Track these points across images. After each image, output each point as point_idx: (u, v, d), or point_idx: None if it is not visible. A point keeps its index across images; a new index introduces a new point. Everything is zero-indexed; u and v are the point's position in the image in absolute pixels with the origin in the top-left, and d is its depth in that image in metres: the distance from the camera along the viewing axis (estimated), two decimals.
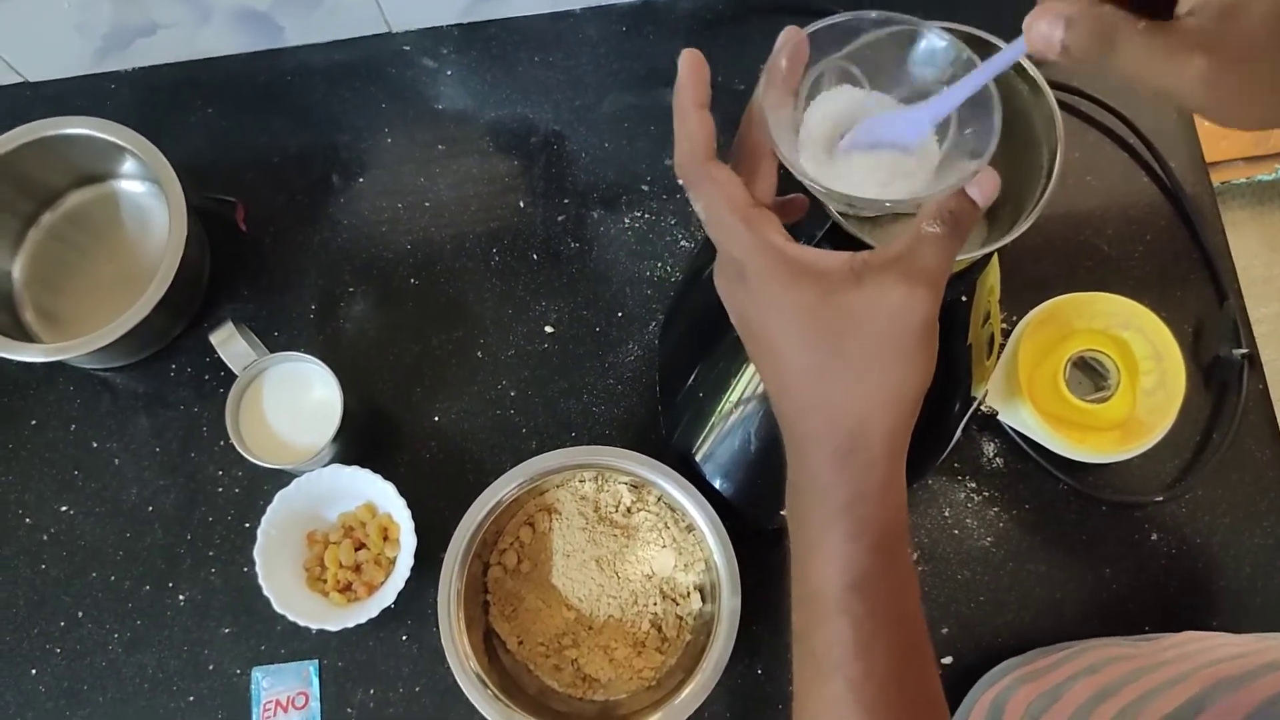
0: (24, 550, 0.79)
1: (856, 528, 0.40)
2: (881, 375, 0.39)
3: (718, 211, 0.40)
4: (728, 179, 0.41)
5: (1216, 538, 0.77)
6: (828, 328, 0.39)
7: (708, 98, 0.42)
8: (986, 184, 0.40)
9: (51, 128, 0.76)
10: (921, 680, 0.42)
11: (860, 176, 0.42)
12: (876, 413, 0.40)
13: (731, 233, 0.40)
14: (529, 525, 0.75)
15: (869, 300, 0.39)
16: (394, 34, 0.89)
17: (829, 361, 0.39)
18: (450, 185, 0.86)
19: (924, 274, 0.39)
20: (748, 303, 0.41)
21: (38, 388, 0.82)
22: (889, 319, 0.39)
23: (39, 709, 0.76)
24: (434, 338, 0.82)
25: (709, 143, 0.41)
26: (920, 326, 0.39)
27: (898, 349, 0.39)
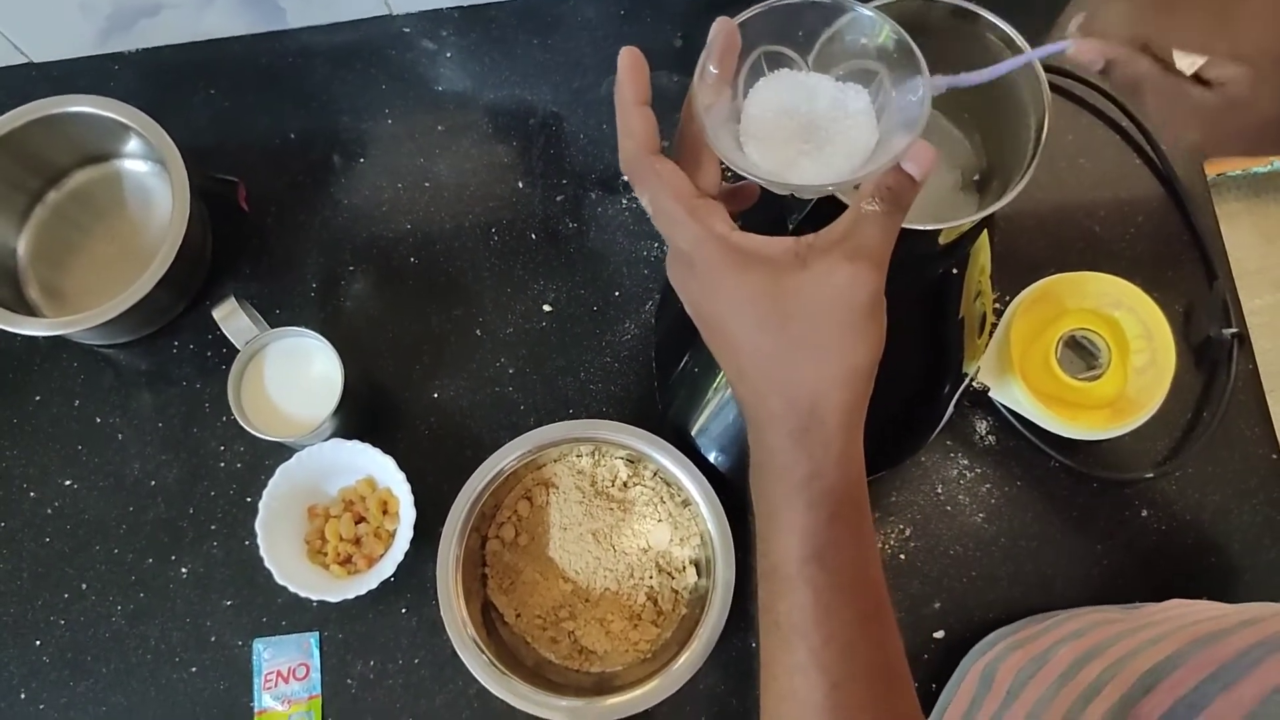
0: (28, 524, 0.80)
1: (815, 500, 0.41)
2: (832, 353, 0.41)
3: (663, 204, 0.42)
4: (671, 172, 0.42)
5: (1206, 514, 0.78)
6: (777, 311, 0.40)
7: (648, 93, 0.43)
8: (922, 157, 0.41)
9: (58, 105, 0.77)
10: (882, 645, 0.44)
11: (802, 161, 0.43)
12: (830, 390, 0.41)
13: (677, 225, 0.41)
14: (526, 499, 0.76)
15: (815, 282, 0.40)
16: (394, 16, 0.90)
17: (781, 344, 0.41)
18: (450, 166, 0.87)
19: (867, 252, 0.40)
20: (699, 292, 0.42)
21: (41, 364, 0.83)
22: (835, 298, 0.40)
23: (43, 679, 0.77)
24: (433, 316, 0.83)
25: (651, 137, 0.42)
26: (866, 303, 0.40)
27: (846, 326, 0.40)
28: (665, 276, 0.82)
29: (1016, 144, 0.52)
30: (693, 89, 0.42)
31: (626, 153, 0.43)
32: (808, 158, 0.43)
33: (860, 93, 0.43)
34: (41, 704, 0.76)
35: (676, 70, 0.88)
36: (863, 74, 0.43)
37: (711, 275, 0.41)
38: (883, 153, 0.42)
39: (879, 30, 0.42)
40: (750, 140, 0.43)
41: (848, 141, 0.43)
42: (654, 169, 0.42)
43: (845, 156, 0.42)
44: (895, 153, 0.40)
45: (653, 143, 0.42)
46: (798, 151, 0.43)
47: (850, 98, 0.43)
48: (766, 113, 0.43)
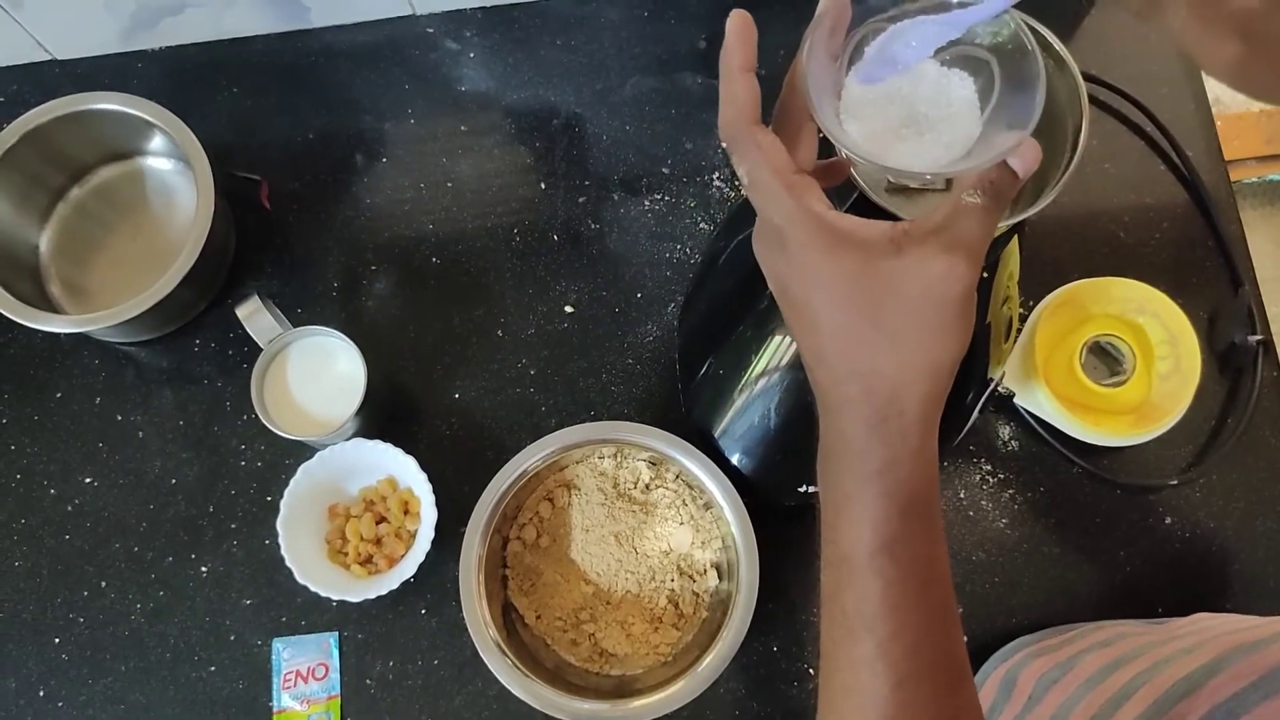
0: (48, 520, 0.80)
1: (889, 491, 0.41)
2: (919, 344, 0.40)
3: (760, 176, 0.41)
4: (771, 144, 0.41)
5: (1230, 522, 0.78)
6: (867, 296, 0.39)
7: (754, 61, 0.42)
8: (1028, 155, 0.40)
9: (84, 102, 0.77)
10: (948, 642, 0.43)
11: (902, 145, 0.42)
12: (913, 381, 0.40)
13: (774, 199, 0.40)
14: (548, 500, 0.76)
15: (909, 270, 0.39)
16: (418, 16, 0.90)
17: (867, 329, 0.40)
18: (472, 166, 0.86)
19: (964, 244, 0.39)
20: (787, 270, 0.42)
21: (63, 361, 0.83)
22: (928, 289, 0.39)
23: (62, 677, 0.77)
24: (455, 316, 0.83)
25: (754, 106, 0.41)
26: (959, 297, 0.39)
27: (936, 319, 0.39)
28: (688, 278, 0.82)
29: (1052, 148, 0.52)
30: (798, 60, 0.41)
31: (727, 120, 0.41)
32: (906, 142, 0.42)
33: (966, 80, 0.42)
34: (60, 701, 0.76)
35: (700, 72, 0.88)
36: (970, 61, 0.42)
37: (803, 253, 0.40)
38: (987, 146, 0.41)
39: (997, 22, 0.41)
40: (850, 118, 0.42)
41: (949, 130, 0.42)
42: (755, 139, 0.41)
43: (945, 145, 0.42)
44: (1003, 149, 0.40)
45: (755, 112, 0.41)
46: (897, 136, 0.42)
47: (955, 85, 0.42)
48: (869, 91, 0.42)
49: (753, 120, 0.41)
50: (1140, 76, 0.86)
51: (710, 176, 0.85)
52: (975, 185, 0.40)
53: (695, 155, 0.86)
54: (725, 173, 0.86)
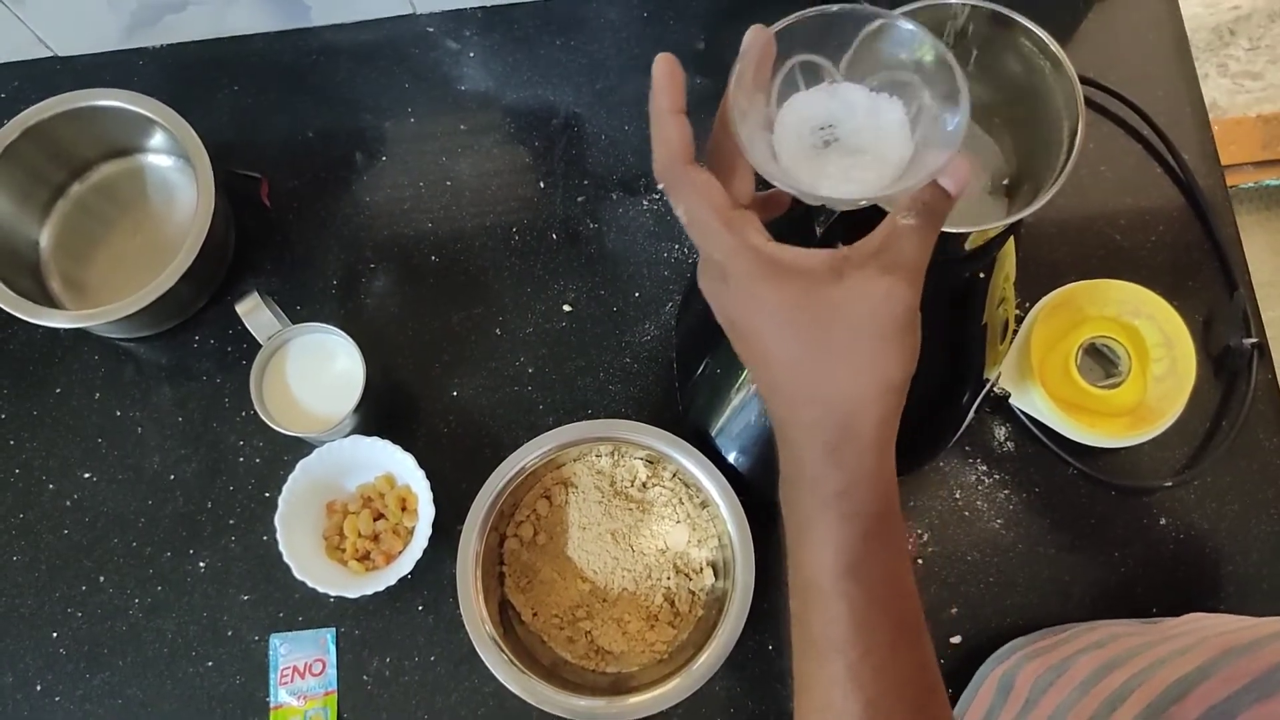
0: (46, 515, 0.80)
1: (849, 514, 0.41)
2: (868, 367, 0.40)
3: (698, 215, 0.41)
4: (706, 182, 0.41)
5: (1224, 524, 0.78)
6: (812, 324, 0.40)
7: (683, 102, 0.42)
8: (958, 172, 0.41)
9: (85, 99, 0.77)
10: (918, 657, 0.44)
11: (836, 173, 0.42)
12: (865, 404, 0.41)
13: (713, 236, 0.41)
14: (545, 498, 0.76)
15: (851, 294, 0.40)
16: (418, 15, 0.90)
17: (815, 356, 0.40)
18: (471, 165, 0.87)
19: (903, 266, 0.40)
20: (732, 304, 0.42)
21: (63, 356, 0.83)
22: (872, 311, 0.40)
23: (59, 671, 0.77)
24: (453, 314, 0.83)
25: (687, 147, 0.42)
26: (902, 317, 0.40)
27: (882, 340, 0.40)
28: (686, 278, 0.83)
29: (1048, 150, 0.52)
30: (727, 97, 0.42)
31: (661, 162, 0.42)
32: (840, 169, 0.42)
33: (895, 104, 0.43)
34: (57, 696, 0.76)
35: (699, 73, 0.88)
36: (898, 85, 0.43)
37: (746, 287, 0.41)
38: (918, 167, 0.41)
39: (918, 44, 0.41)
40: (784, 150, 0.43)
41: (881, 154, 0.42)
42: (690, 179, 0.41)
43: (878, 169, 0.42)
44: (932, 168, 0.40)
45: (688, 152, 0.42)
46: (831, 162, 0.43)
47: (884, 109, 0.43)
48: (800, 122, 0.43)
49: (686, 160, 0.41)
50: (1137, 80, 0.86)
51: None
52: (909, 206, 0.41)
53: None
54: None
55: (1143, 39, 0.88)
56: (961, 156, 0.40)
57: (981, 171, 0.58)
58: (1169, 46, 0.88)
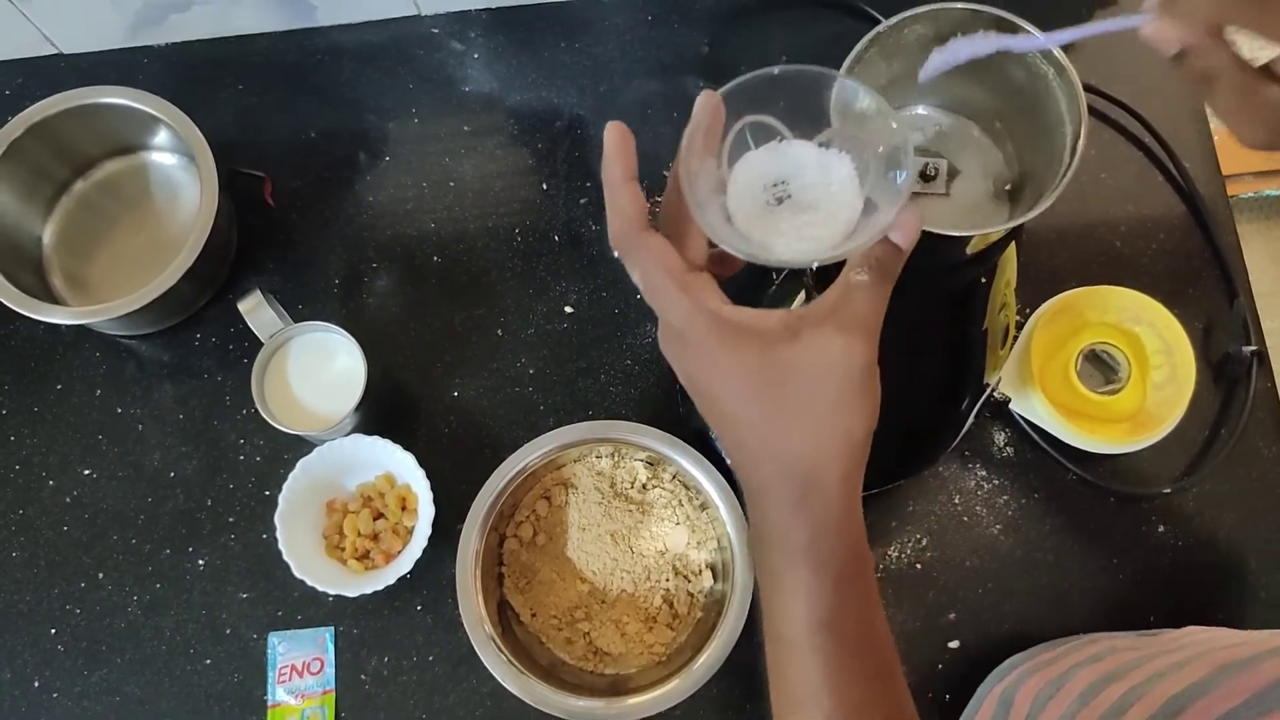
0: (46, 512, 0.80)
1: (820, 566, 0.42)
2: (829, 423, 0.41)
3: (654, 280, 0.42)
4: (661, 247, 0.42)
5: (1222, 531, 0.78)
6: (772, 383, 0.41)
7: (635, 169, 0.43)
8: (908, 226, 0.42)
9: (90, 96, 0.78)
10: (893, 701, 0.45)
11: (789, 231, 0.43)
12: (829, 459, 0.42)
13: (670, 300, 0.42)
14: (545, 499, 0.76)
15: (808, 353, 0.41)
16: (423, 17, 0.90)
17: (776, 416, 0.41)
18: (475, 166, 0.87)
19: (858, 322, 0.41)
20: (693, 367, 0.43)
21: (64, 353, 0.83)
22: (829, 368, 0.41)
23: (56, 668, 0.77)
24: (455, 315, 0.83)
25: (640, 213, 0.42)
26: (860, 374, 0.41)
27: (841, 397, 0.41)
28: None
29: (1050, 155, 0.52)
30: (677, 162, 0.42)
31: (616, 230, 0.43)
32: (793, 227, 0.43)
33: (843, 159, 0.43)
34: (55, 692, 0.76)
35: (702, 76, 0.89)
36: (846, 140, 0.43)
37: (706, 350, 0.41)
38: (868, 224, 0.42)
39: (861, 99, 0.42)
40: (737, 210, 0.43)
41: (832, 210, 0.43)
42: (645, 244, 0.42)
43: (830, 226, 0.43)
44: (882, 225, 0.41)
45: (642, 218, 0.42)
46: (784, 220, 0.43)
47: (834, 165, 0.43)
48: (751, 181, 0.43)
49: (641, 226, 0.42)
50: (1139, 89, 0.86)
51: None
52: (861, 263, 0.42)
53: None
54: None
55: (1145, 49, 0.88)
56: (911, 209, 0.42)
57: (984, 177, 0.58)
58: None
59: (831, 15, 0.89)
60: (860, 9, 0.88)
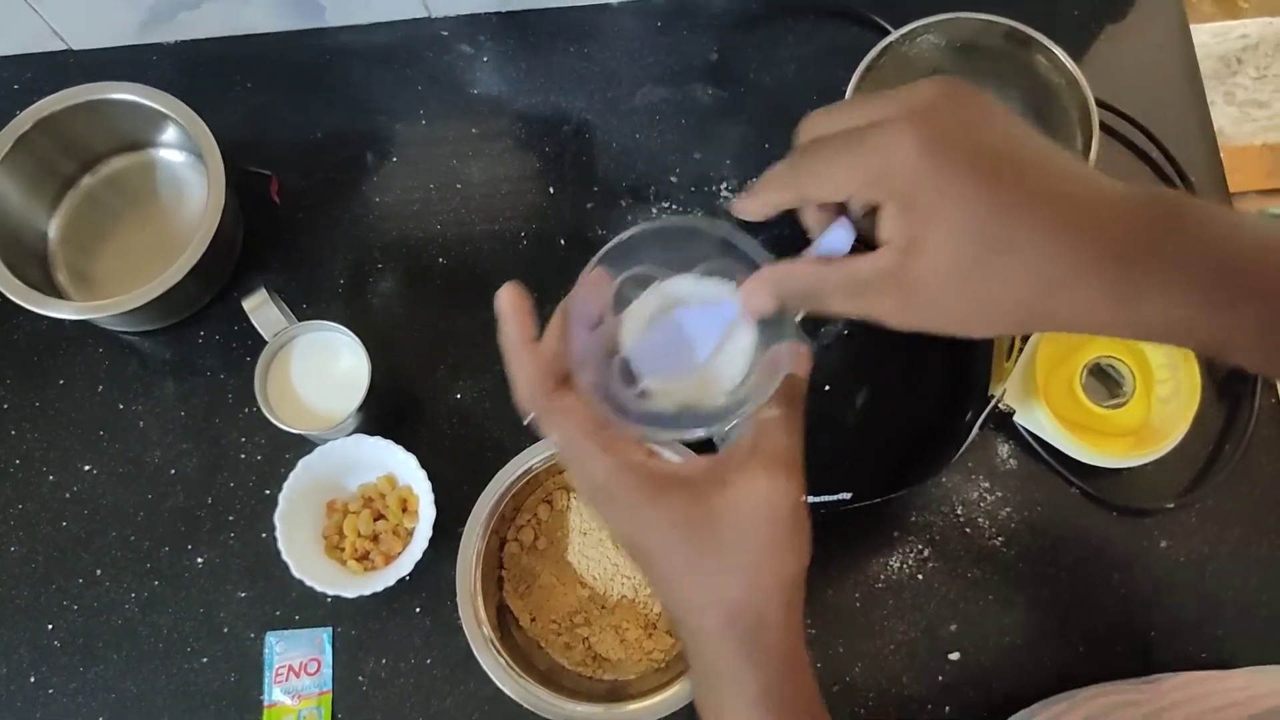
0: (46, 507, 0.80)
1: (772, 709, 0.42)
2: (765, 565, 0.41)
3: (574, 442, 0.42)
4: (572, 407, 0.42)
5: (1225, 548, 0.78)
6: (704, 533, 0.41)
7: (533, 331, 0.43)
8: (801, 363, 0.44)
9: (99, 92, 0.78)
10: None
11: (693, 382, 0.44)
12: (767, 599, 0.42)
13: (592, 460, 0.41)
14: (547, 502, 0.76)
15: (736, 499, 0.41)
16: (433, 19, 0.90)
17: (713, 563, 0.41)
18: (482, 169, 0.87)
19: (779, 459, 0.42)
20: (625, 523, 0.43)
21: (67, 348, 0.83)
22: (758, 512, 0.41)
23: (53, 664, 0.77)
24: (460, 317, 0.83)
25: (545, 375, 0.42)
26: (789, 513, 0.41)
27: (775, 537, 0.41)
28: None
29: None
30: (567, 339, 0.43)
31: (524, 394, 0.43)
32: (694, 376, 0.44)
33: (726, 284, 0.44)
34: (51, 688, 0.76)
35: (711, 84, 0.89)
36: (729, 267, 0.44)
37: (635, 506, 0.41)
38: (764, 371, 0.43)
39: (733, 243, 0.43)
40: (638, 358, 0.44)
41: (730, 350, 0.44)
42: (556, 406, 0.42)
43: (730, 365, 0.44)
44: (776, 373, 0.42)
45: (547, 379, 0.42)
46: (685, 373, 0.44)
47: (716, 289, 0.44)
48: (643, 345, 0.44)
49: (548, 388, 0.42)
50: (1147, 103, 0.86)
51: (718, 186, 0.86)
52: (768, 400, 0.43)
53: (703, 165, 0.87)
54: (733, 183, 0.86)
55: (1153, 63, 0.89)
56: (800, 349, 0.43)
57: None
58: (1179, 71, 0.88)
59: (839, 24, 0.90)
60: (869, 18, 0.88)
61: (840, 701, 0.76)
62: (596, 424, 0.42)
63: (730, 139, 0.87)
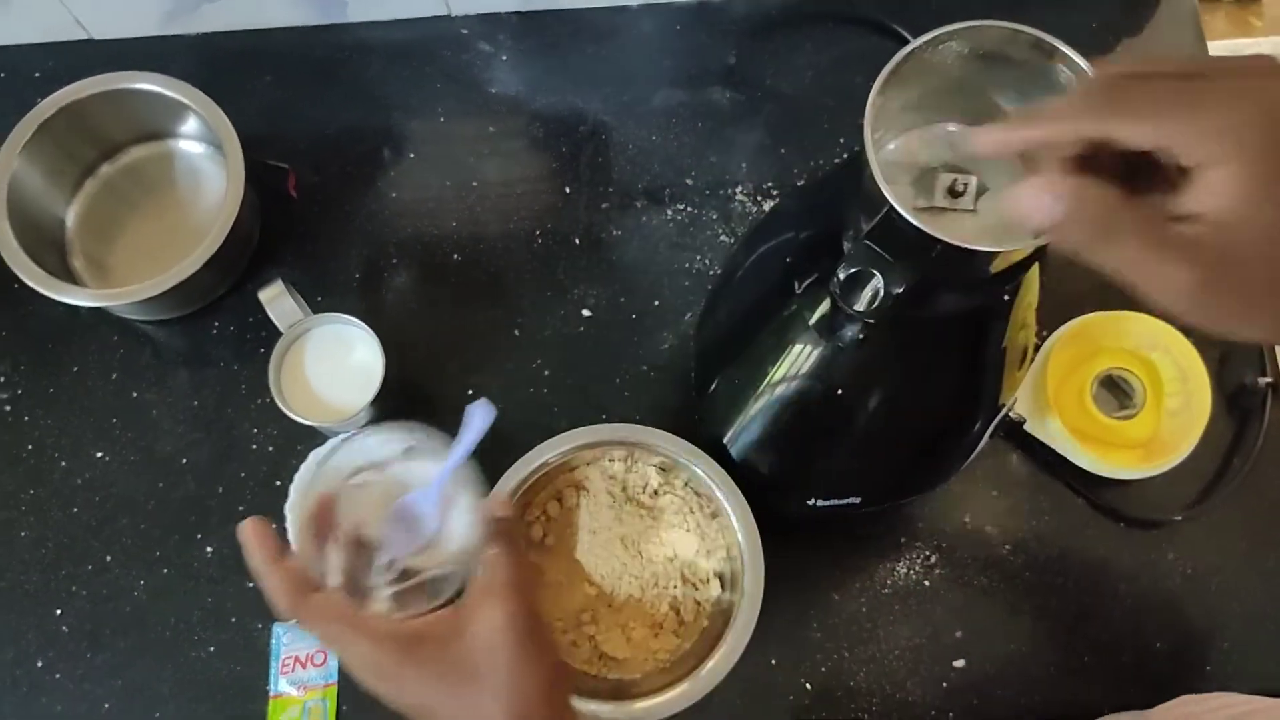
0: (57, 493, 0.80)
1: None
2: (519, 680, 0.47)
3: (333, 633, 0.48)
4: (326, 601, 0.48)
5: (1232, 561, 0.78)
6: (460, 670, 0.47)
7: (278, 550, 0.49)
8: (504, 506, 0.53)
9: (122, 81, 0.78)
10: None
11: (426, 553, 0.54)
12: (531, 709, 0.47)
13: (354, 643, 0.47)
14: (556, 500, 0.76)
15: (479, 630, 0.47)
16: (453, 17, 0.91)
17: (474, 694, 0.47)
18: (498, 167, 0.87)
19: (508, 587, 0.49)
20: (394, 688, 0.47)
21: (81, 336, 0.83)
22: (497, 636, 0.47)
23: (60, 649, 0.77)
24: (473, 314, 0.84)
25: (299, 584, 0.48)
26: (525, 630, 0.48)
27: (520, 654, 0.47)
28: (706, 289, 0.83)
29: None
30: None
31: (282, 605, 0.48)
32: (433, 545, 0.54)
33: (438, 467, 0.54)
34: (58, 674, 0.76)
35: (728, 87, 0.89)
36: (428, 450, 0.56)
37: (396, 670, 0.47)
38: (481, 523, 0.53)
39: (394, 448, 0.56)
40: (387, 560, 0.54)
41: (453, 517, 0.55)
42: (312, 607, 0.48)
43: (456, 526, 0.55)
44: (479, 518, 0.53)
45: (300, 586, 0.48)
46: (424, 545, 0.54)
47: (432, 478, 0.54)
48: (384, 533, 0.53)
49: (301, 594, 0.48)
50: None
51: (733, 190, 0.86)
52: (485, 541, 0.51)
53: (719, 169, 0.87)
54: (748, 187, 0.87)
55: None
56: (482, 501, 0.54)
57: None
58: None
59: (858, 31, 0.90)
60: (888, 26, 0.88)
61: (844, 706, 0.76)
62: (353, 612, 0.48)
63: (746, 143, 0.88)
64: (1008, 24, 0.49)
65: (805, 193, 0.83)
